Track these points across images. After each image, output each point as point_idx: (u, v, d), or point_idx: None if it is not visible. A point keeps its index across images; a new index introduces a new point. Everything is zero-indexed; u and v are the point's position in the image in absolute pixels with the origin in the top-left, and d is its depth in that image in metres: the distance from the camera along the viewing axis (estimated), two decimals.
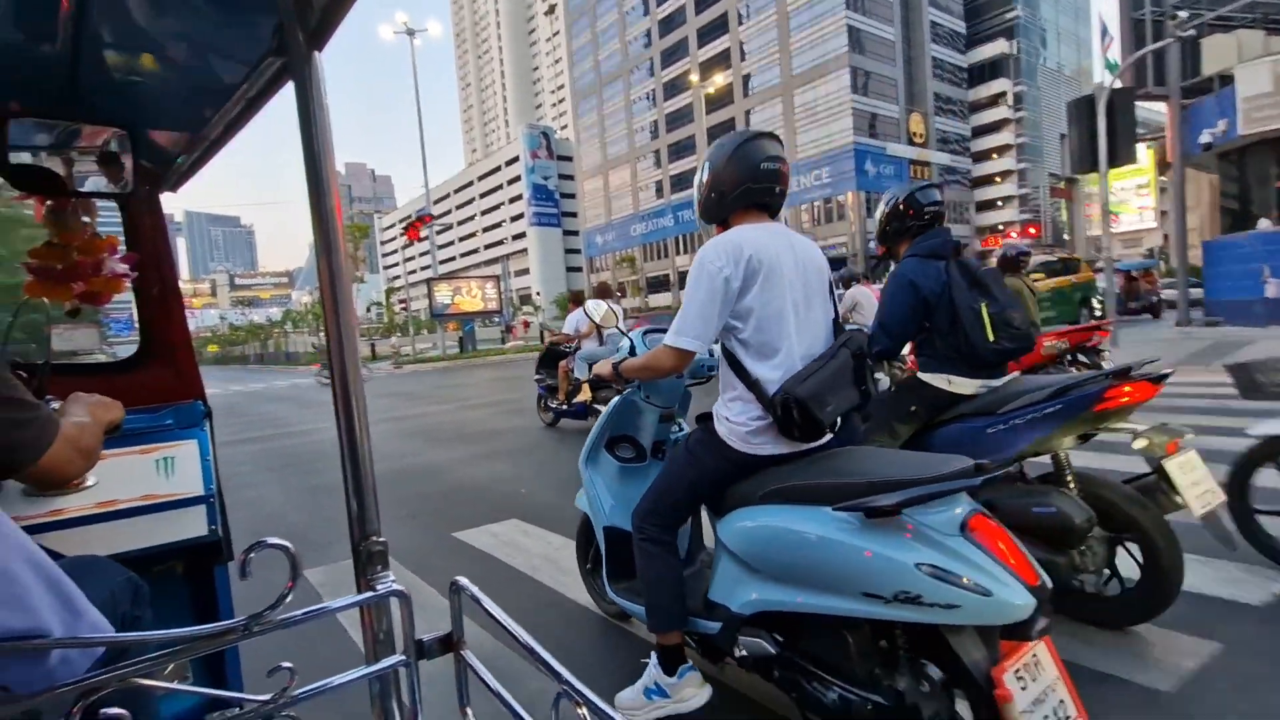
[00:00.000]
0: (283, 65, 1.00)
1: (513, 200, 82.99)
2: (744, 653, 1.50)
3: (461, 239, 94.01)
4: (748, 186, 1.58)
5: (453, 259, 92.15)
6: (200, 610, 1.46)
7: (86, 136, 1.42)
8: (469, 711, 0.82)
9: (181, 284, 1.85)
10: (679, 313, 1.54)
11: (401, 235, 26.18)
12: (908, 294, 2.18)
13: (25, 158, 1.35)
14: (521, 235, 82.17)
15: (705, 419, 1.66)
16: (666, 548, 1.66)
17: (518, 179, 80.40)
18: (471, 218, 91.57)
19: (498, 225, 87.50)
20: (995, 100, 58.21)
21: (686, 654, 1.73)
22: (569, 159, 78.87)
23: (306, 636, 2.21)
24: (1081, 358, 5.73)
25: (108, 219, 1.77)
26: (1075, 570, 1.98)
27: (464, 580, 0.82)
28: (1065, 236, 48.75)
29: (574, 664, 0.69)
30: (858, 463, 1.42)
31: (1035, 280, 10.26)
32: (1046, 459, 2.10)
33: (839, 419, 1.53)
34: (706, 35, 55.68)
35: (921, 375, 2.24)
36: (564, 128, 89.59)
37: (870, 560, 1.21)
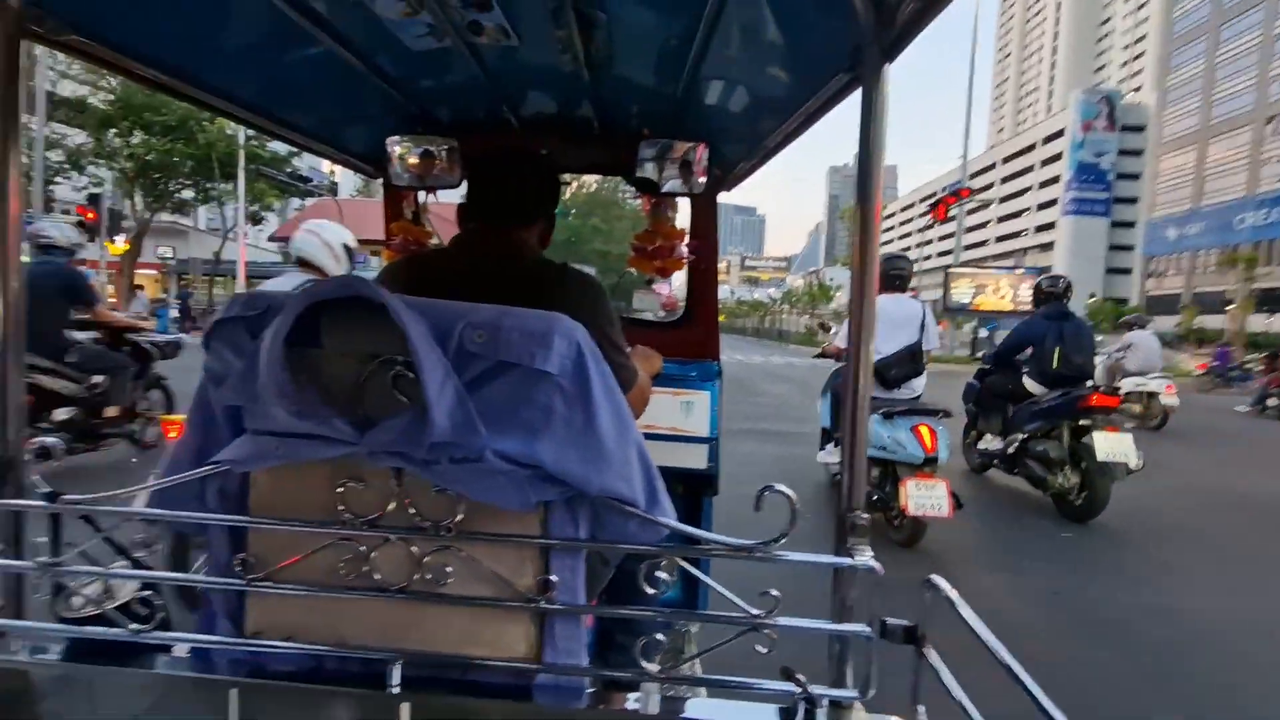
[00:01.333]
0: (852, 79, 1.12)
1: (1044, 184, 71.48)
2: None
3: (969, 229, 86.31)
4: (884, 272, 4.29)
5: (947, 252, 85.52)
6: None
7: (677, 149, 1.91)
8: (920, 709, 0.83)
9: None
10: None
11: (923, 216, 23.89)
12: (1018, 333, 5.43)
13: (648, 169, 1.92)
14: (1048, 226, 70.01)
15: None
16: None
17: (1055, 158, 68.19)
18: (985, 205, 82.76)
19: (1016, 215, 77.06)
20: None
21: None
22: (1138, 129, 63.54)
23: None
24: None
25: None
26: (1060, 487, 4.74)
27: (939, 579, 0.84)
28: None
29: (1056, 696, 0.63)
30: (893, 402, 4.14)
31: None
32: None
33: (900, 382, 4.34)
34: None
35: (1024, 378, 5.21)
36: (1136, 89, 71.67)
37: (881, 432, 3.92)
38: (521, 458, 0.82)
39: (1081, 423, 4.62)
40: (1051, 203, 69.05)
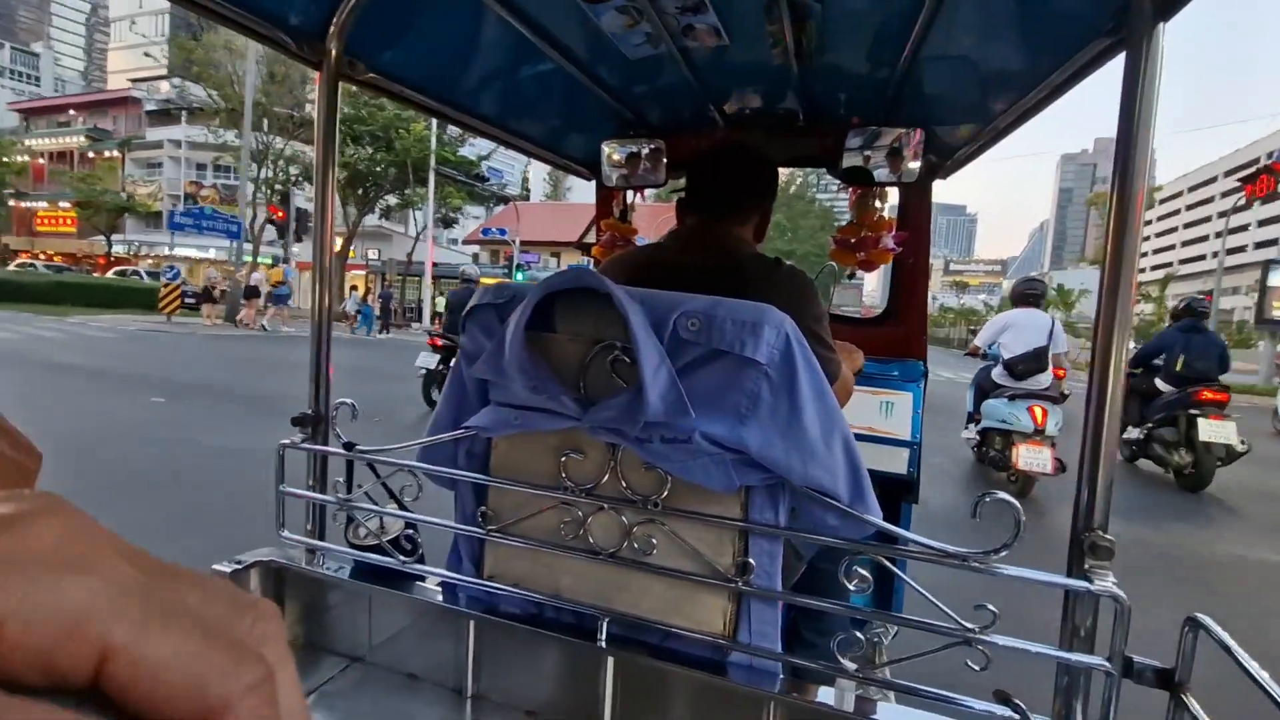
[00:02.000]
0: (1114, 43, 0.99)
1: None
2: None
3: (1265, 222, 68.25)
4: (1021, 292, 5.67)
5: (1256, 246, 64.00)
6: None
7: (887, 136, 1.81)
8: None
9: None
10: None
11: (1238, 192, 17.34)
12: (1153, 342, 6.34)
13: (855, 159, 1.85)
14: None
15: None
16: None
17: None
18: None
19: None
20: None
21: None
22: None
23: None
24: None
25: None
26: (1176, 464, 5.88)
27: (1206, 618, 0.72)
28: None
29: None
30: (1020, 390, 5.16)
31: None
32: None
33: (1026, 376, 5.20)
34: None
35: (1155, 379, 6.15)
36: None
37: (1004, 409, 5.14)
38: (728, 441, 0.86)
39: (1192, 412, 5.78)
40: None
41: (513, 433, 0.99)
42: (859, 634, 0.87)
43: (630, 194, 2.30)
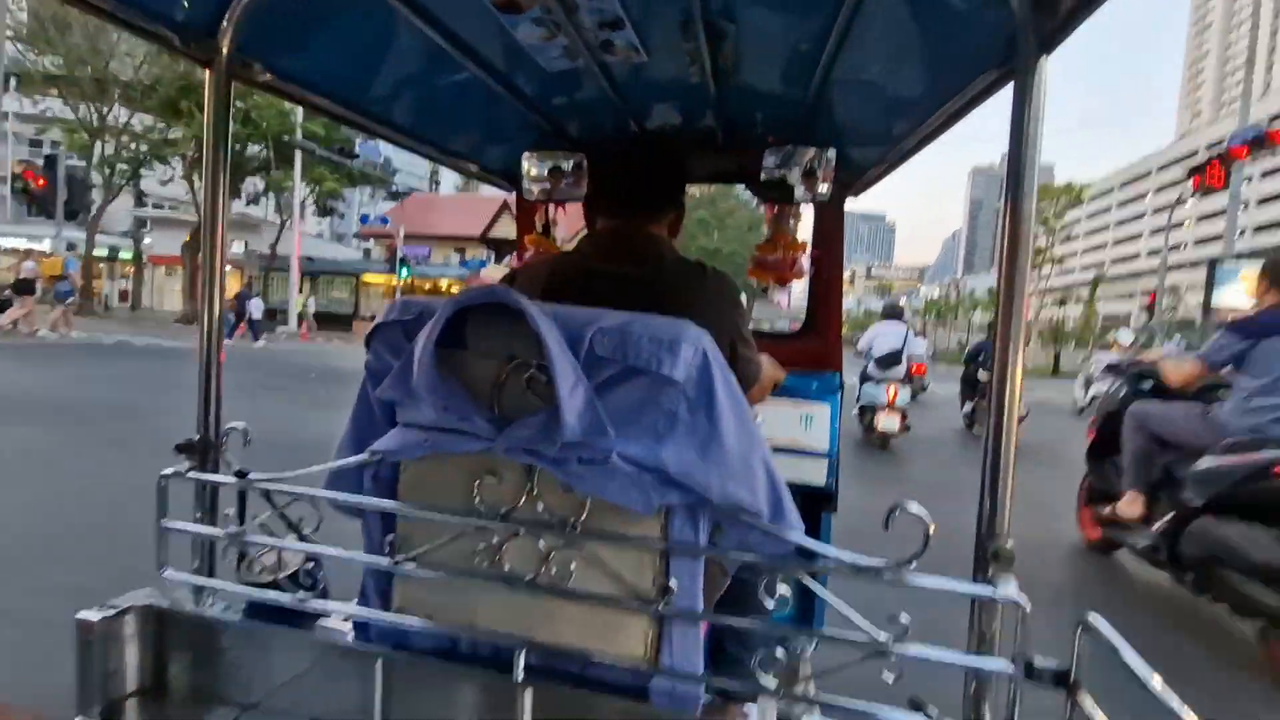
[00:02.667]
0: (1002, 74, 1.06)
1: None
2: None
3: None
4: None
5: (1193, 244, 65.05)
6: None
7: (802, 155, 1.87)
8: None
9: None
10: None
11: (1176, 186, 17.71)
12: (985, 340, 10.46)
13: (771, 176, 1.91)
14: None
15: None
16: None
17: None
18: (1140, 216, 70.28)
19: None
20: None
21: None
22: None
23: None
24: None
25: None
26: None
27: (1097, 619, 0.77)
28: None
29: None
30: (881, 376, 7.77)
31: None
32: None
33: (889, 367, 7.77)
34: None
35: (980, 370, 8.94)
36: None
37: (870, 391, 7.78)
38: (646, 461, 0.85)
39: None
40: None
41: (423, 455, 0.94)
42: (780, 650, 0.87)
43: (553, 208, 2.28)
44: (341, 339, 21.85)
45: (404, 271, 24.72)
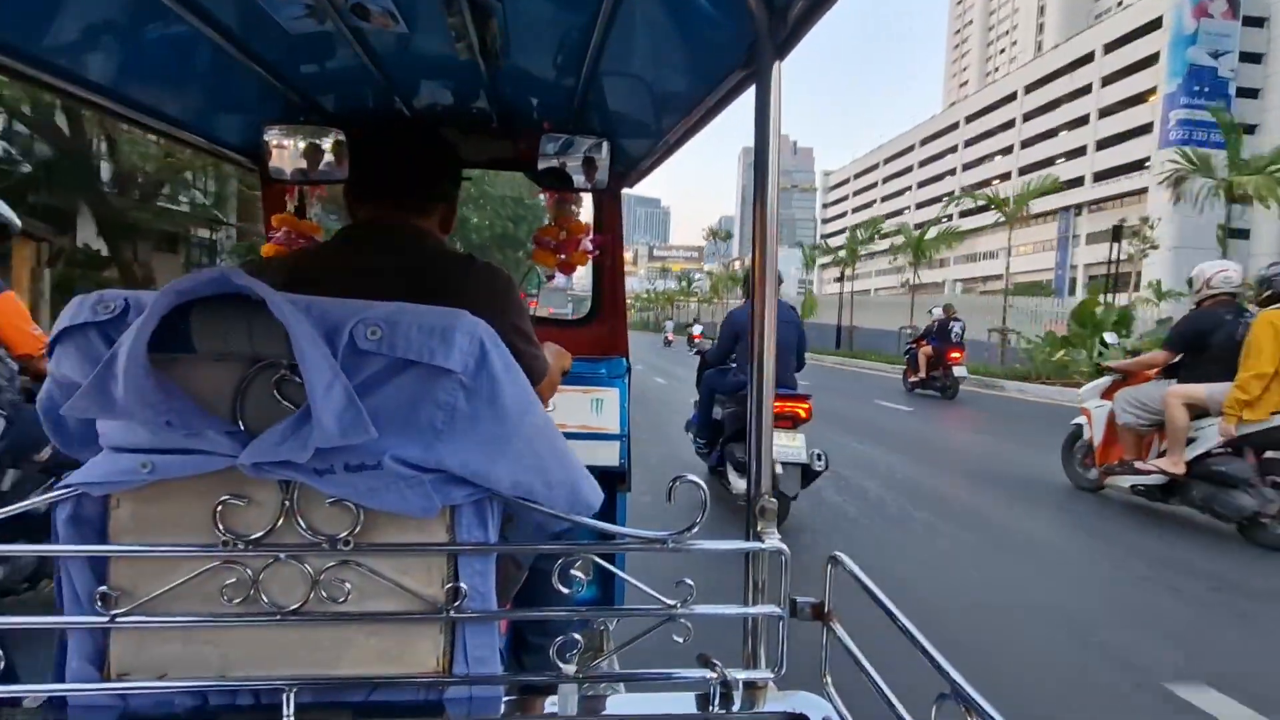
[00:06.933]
0: (746, 75, 1.21)
1: (1107, 112, 54.01)
2: None
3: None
4: None
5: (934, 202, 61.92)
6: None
7: (579, 145, 1.94)
8: (828, 679, 0.92)
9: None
10: None
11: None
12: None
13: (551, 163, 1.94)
14: (1119, 170, 51.39)
15: None
16: None
17: (1115, 76, 51.74)
18: (950, 170, 69.73)
19: (1049, 161, 56.16)
20: None
21: None
22: (1258, 22, 45.56)
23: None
24: None
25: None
26: None
27: (843, 556, 0.92)
28: None
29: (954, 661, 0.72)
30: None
31: None
32: None
33: None
34: None
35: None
36: None
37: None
38: (424, 461, 0.82)
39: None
40: (1113, 139, 52.78)
41: (140, 484, 0.81)
42: (579, 633, 0.91)
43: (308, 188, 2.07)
44: None
45: None
